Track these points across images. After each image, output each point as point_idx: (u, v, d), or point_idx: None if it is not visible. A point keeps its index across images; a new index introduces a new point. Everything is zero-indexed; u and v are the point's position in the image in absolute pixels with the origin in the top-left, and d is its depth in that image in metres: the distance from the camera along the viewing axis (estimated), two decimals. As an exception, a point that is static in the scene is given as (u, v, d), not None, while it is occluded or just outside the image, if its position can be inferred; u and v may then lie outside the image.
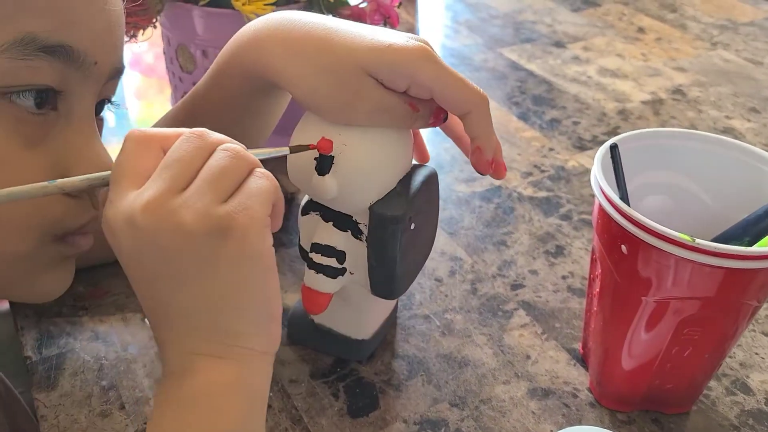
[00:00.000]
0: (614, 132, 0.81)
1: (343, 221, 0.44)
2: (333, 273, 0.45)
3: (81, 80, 0.36)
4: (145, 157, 0.33)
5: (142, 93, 0.91)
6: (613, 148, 0.42)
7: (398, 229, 0.42)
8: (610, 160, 0.43)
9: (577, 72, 0.94)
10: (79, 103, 0.37)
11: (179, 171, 0.32)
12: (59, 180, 0.33)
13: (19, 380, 0.53)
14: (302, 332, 0.52)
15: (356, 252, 0.44)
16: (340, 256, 0.44)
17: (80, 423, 0.45)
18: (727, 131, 0.82)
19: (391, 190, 0.43)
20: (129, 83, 0.96)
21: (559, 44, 1.02)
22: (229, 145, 0.33)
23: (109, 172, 0.34)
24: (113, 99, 0.42)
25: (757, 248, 0.39)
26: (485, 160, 0.42)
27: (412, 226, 0.44)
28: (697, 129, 0.82)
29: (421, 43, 0.40)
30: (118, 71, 0.40)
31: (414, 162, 0.47)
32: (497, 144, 0.43)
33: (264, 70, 0.42)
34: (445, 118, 0.44)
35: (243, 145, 0.35)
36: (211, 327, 0.33)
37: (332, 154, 0.40)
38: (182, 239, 0.31)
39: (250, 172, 0.33)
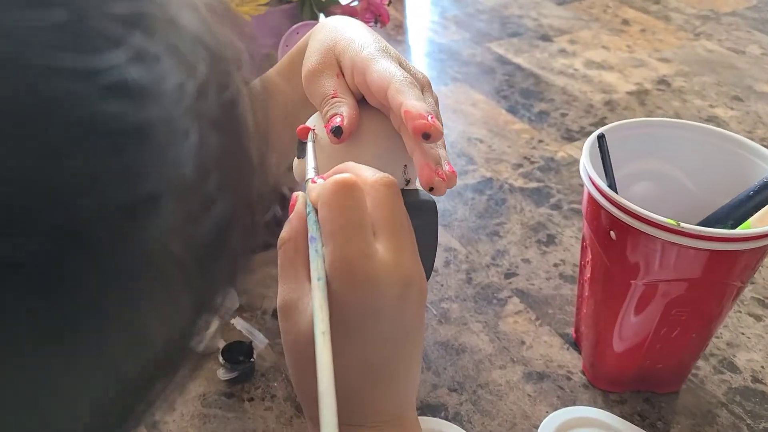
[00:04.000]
0: (601, 123, 0.83)
1: None
2: None
3: None
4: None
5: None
6: (601, 137, 0.44)
7: None
8: (598, 150, 0.45)
9: (563, 65, 0.96)
10: None
11: (363, 228, 0.31)
12: None
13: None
14: None
15: None
16: None
17: None
18: (711, 120, 0.84)
19: None
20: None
21: (545, 38, 1.04)
22: (339, 182, 0.31)
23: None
24: None
25: (739, 231, 0.41)
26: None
27: None
28: (681, 118, 0.84)
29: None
30: None
31: (420, 189, 0.45)
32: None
33: None
34: (336, 134, 0.41)
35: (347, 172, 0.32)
36: (408, 391, 0.33)
37: (307, 141, 0.42)
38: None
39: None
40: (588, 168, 0.43)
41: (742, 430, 0.48)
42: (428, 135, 0.35)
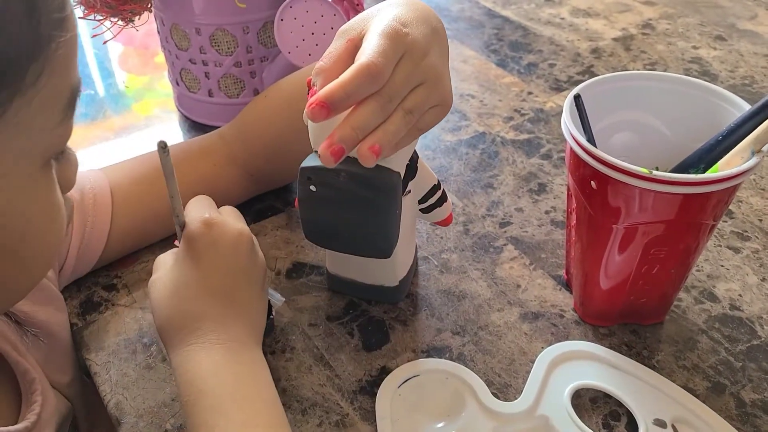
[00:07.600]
0: (588, 71, 0.86)
1: None
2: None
3: None
4: None
5: (125, 62, 0.94)
6: (577, 98, 0.47)
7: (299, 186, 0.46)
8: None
9: (550, 14, 0.98)
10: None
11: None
12: None
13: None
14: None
15: None
16: None
17: (130, 376, 0.51)
18: (694, 61, 0.87)
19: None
20: (114, 54, 0.99)
21: (532, -13, 1.05)
22: None
23: None
24: None
25: (708, 174, 0.44)
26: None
27: (313, 187, 0.45)
28: (666, 61, 0.87)
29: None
30: None
31: (386, 166, 0.45)
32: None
33: None
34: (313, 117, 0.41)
35: None
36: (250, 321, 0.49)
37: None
38: None
39: None
40: (569, 124, 0.47)
41: (720, 352, 0.52)
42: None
